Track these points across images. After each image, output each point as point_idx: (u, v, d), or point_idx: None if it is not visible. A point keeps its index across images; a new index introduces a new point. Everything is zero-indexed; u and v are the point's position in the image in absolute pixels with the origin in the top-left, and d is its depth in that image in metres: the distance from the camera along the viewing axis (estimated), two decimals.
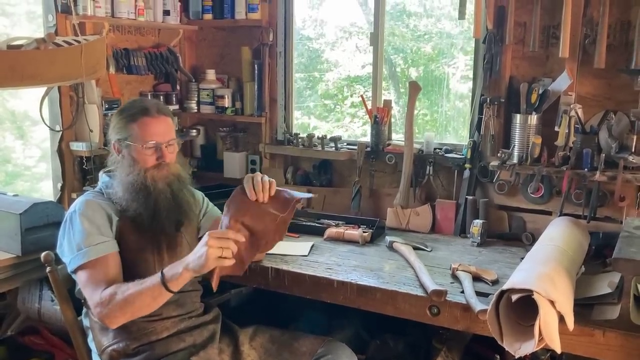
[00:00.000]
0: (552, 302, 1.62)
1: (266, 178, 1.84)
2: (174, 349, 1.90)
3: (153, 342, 1.89)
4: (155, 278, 1.72)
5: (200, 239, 2.15)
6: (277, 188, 1.87)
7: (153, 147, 1.90)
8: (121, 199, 1.91)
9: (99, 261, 1.81)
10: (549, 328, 1.60)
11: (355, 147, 3.01)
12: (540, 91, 2.51)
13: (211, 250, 1.64)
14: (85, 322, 1.99)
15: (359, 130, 3.81)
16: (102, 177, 2.03)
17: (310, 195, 2.00)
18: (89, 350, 2.01)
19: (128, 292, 1.73)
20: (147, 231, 1.92)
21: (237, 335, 2.06)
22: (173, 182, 1.95)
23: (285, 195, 1.88)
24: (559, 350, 1.63)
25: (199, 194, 2.21)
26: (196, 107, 3.42)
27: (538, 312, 1.60)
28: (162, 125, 1.93)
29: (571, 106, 2.43)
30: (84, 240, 1.82)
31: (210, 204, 2.24)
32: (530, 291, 1.63)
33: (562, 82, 2.48)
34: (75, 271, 1.84)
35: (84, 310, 1.99)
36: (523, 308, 1.68)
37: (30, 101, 3.17)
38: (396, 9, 3.68)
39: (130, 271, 1.87)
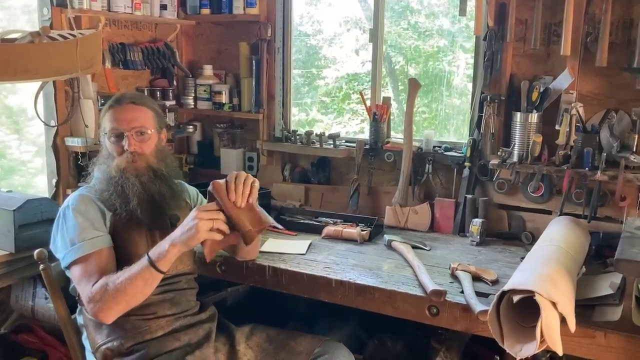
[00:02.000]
0: (554, 304, 1.60)
1: (250, 180, 1.78)
2: (169, 348, 1.88)
3: (148, 341, 1.87)
4: (143, 261, 1.70)
5: None
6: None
7: (115, 135, 1.89)
8: (102, 192, 1.89)
9: (92, 256, 1.78)
10: (550, 330, 1.58)
11: (354, 145, 2.98)
12: (541, 89, 2.48)
13: (202, 222, 1.65)
14: (80, 320, 1.97)
15: (356, 128, 3.79)
16: (95, 173, 2.00)
17: (279, 226, 2.00)
18: (83, 349, 1.99)
19: (118, 280, 1.70)
20: (141, 226, 1.90)
21: (234, 334, 2.04)
22: (143, 174, 1.90)
23: (261, 215, 1.83)
24: (560, 353, 1.61)
25: (193, 190, 2.19)
26: (193, 103, 3.40)
27: (539, 314, 1.58)
28: (130, 113, 1.90)
29: (572, 105, 2.41)
30: (77, 235, 1.80)
31: (205, 200, 2.22)
32: (532, 292, 1.61)
33: (563, 81, 2.46)
34: (69, 266, 1.82)
35: (78, 307, 1.96)
36: (524, 309, 1.66)
37: (25, 96, 3.14)
38: (396, 9, 3.66)
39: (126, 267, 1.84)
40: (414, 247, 2.42)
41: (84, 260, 1.78)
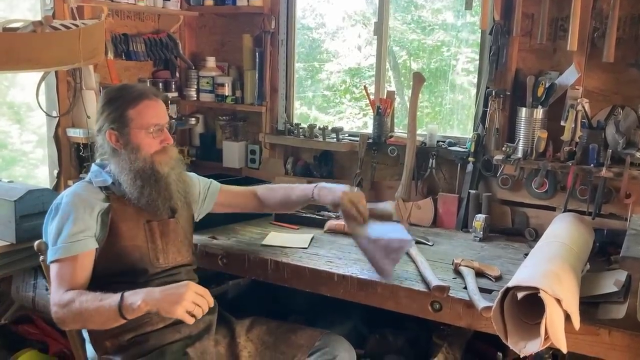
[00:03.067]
0: (558, 301, 1.59)
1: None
2: (169, 340, 1.87)
3: (148, 333, 1.86)
4: (114, 300, 1.66)
5: (194, 220, 2.16)
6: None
7: (157, 130, 1.88)
8: (131, 189, 1.86)
9: (68, 260, 1.77)
10: (555, 327, 1.56)
11: (357, 139, 2.97)
12: (547, 85, 2.46)
13: (185, 303, 1.63)
14: None
15: (358, 122, 3.77)
16: (92, 167, 1.98)
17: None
18: (83, 340, 1.98)
19: (85, 305, 1.68)
20: (140, 218, 1.89)
21: (234, 327, 2.03)
22: (175, 165, 1.95)
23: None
24: (565, 350, 1.59)
25: (193, 175, 2.20)
26: (195, 95, 3.37)
27: (544, 311, 1.57)
28: (162, 108, 1.93)
29: (578, 100, 2.39)
30: (59, 236, 1.79)
31: (207, 179, 2.25)
32: (537, 289, 1.59)
33: (570, 76, 2.44)
34: (49, 264, 1.82)
35: None
36: (528, 306, 1.65)
37: (26, 86, 3.12)
38: (400, 4, 3.64)
39: (124, 259, 1.84)
40: (416, 242, 2.41)
41: (59, 263, 1.77)
